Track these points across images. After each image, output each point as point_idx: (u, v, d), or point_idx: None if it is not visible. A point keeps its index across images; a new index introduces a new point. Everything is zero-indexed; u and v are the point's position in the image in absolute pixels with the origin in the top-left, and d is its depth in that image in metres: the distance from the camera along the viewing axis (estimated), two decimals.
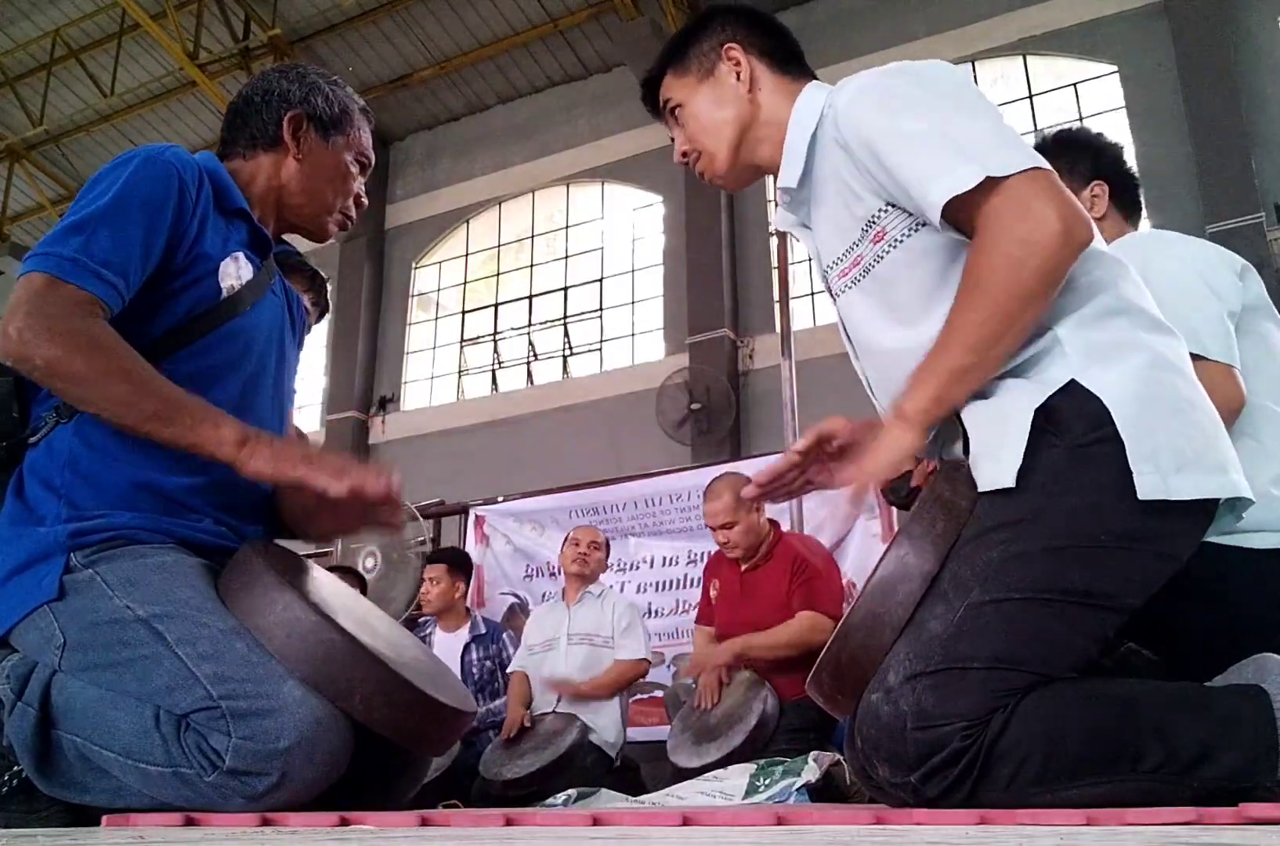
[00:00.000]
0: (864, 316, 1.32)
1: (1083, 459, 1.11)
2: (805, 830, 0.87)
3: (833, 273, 1.36)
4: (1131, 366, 1.14)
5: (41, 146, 12.36)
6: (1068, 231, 1.10)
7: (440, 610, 4.25)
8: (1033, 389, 1.15)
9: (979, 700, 1.04)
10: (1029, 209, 1.11)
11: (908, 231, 1.24)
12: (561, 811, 1.87)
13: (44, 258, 1.26)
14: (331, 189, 1.55)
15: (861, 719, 1.10)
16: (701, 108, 1.41)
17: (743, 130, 1.39)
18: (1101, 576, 1.10)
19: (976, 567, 1.10)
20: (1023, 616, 1.07)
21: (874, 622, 1.13)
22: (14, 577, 1.30)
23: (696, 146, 1.43)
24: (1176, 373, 1.18)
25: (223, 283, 1.41)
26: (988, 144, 1.15)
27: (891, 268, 1.26)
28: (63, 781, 1.23)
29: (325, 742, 1.16)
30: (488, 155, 11.63)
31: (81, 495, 1.32)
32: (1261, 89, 8.14)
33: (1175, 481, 1.10)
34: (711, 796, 2.25)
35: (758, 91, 1.40)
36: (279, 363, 1.53)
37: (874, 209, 1.26)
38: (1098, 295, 1.19)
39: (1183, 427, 1.13)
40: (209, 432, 1.25)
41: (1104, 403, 1.12)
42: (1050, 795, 1.02)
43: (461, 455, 10.12)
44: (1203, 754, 1.03)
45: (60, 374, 1.23)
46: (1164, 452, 1.11)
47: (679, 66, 1.45)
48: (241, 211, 1.47)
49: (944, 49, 9.39)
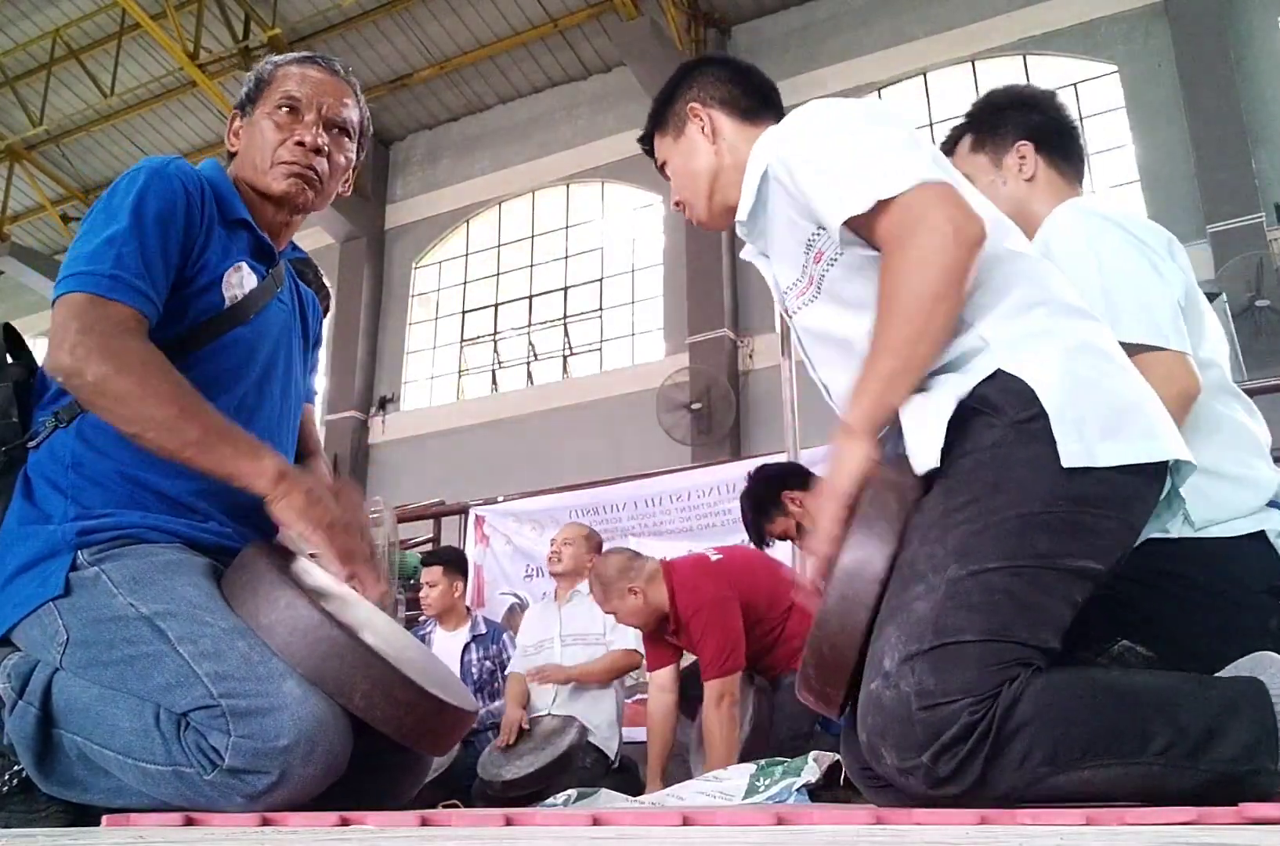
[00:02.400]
0: (818, 320, 1.42)
1: (1023, 434, 1.18)
2: (805, 830, 0.87)
3: (790, 295, 1.46)
4: (1052, 350, 1.22)
5: (41, 146, 12.36)
6: (958, 232, 1.20)
7: (441, 612, 4.25)
8: (959, 380, 1.23)
9: (979, 673, 1.06)
10: (921, 221, 1.21)
11: (840, 250, 1.33)
12: (561, 811, 1.87)
13: (83, 277, 1.28)
14: (257, 150, 1.49)
15: (864, 710, 1.11)
16: (679, 163, 1.58)
17: (712, 179, 1.53)
18: (1064, 540, 1.14)
19: (949, 545, 1.14)
20: (1002, 585, 1.10)
21: (846, 605, 1.15)
22: (21, 574, 1.30)
23: (681, 198, 1.60)
24: (1096, 352, 1.25)
25: (226, 293, 1.41)
26: (880, 167, 1.26)
27: (833, 284, 1.37)
28: (63, 780, 1.23)
29: (325, 741, 1.16)
30: (488, 155, 11.64)
31: (88, 495, 1.32)
32: (1261, 89, 8.14)
33: (1100, 449, 1.16)
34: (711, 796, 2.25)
35: (721, 142, 1.53)
36: (287, 369, 1.54)
37: (809, 232, 1.37)
38: (1014, 290, 1.27)
39: (1105, 399, 1.20)
40: (247, 466, 1.26)
41: (1028, 383, 1.19)
42: (1063, 775, 1.03)
43: (461, 455, 10.12)
44: (1208, 736, 1.05)
45: (108, 391, 1.24)
46: (1088, 423, 1.17)
47: (661, 128, 1.62)
48: (243, 221, 1.48)
49: (944, 49, 9.40)
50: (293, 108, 1.49)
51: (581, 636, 3.79)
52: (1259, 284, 7.28)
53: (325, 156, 1.50)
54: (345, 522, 1.27)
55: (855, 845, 0.68)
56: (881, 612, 1.14)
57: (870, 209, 1.24)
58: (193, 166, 1.45)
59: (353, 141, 1.57)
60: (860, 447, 1.23)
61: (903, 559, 1.17)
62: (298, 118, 1.49)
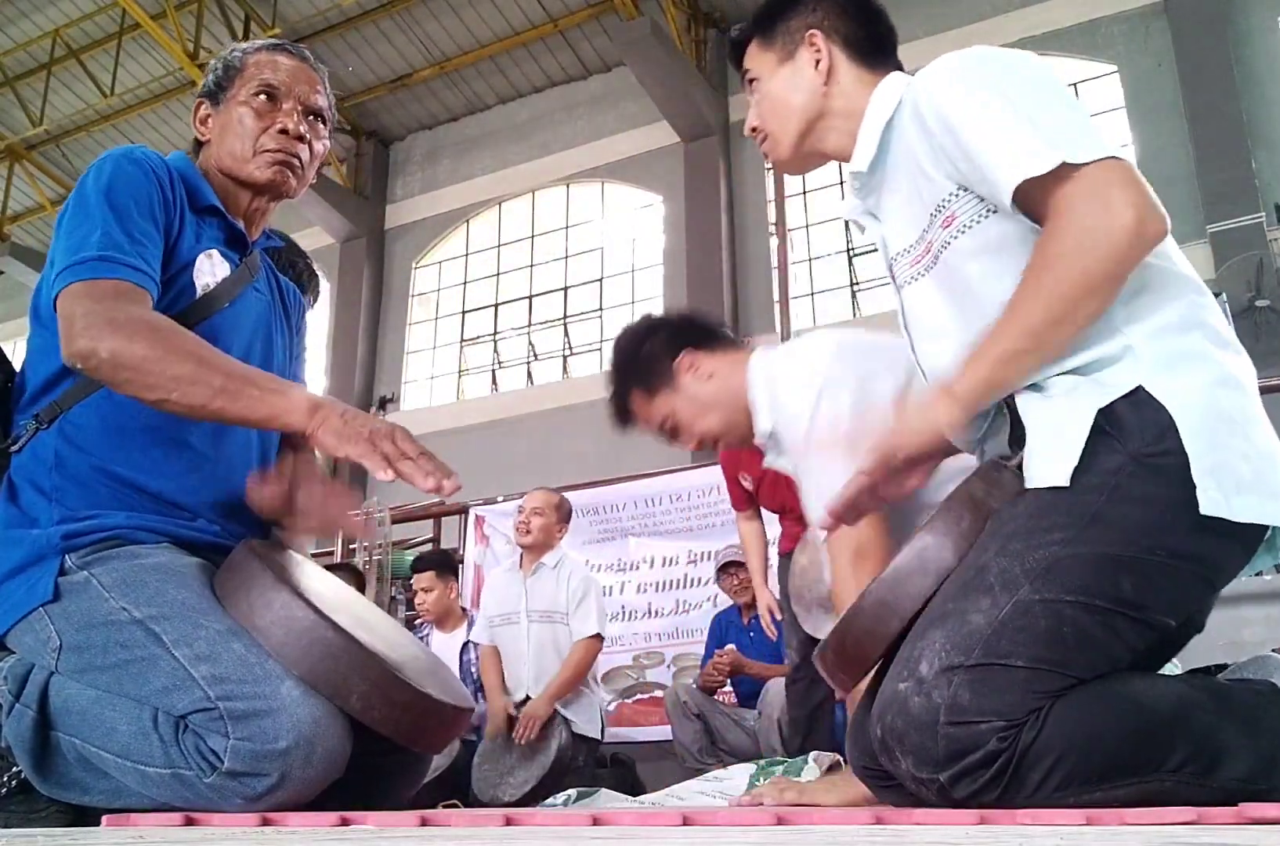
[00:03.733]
0: (930, 306, 1.30)
1: (1145, 469, 1.09)
2: (805, 830, 0.87)
3: (901, 261, 1.34)
4: (1200, 380, 1.12)
5: (41, 146, 12.37)
6: (1140, 224, 1.08)
7: (439, 616, 4.25)
8: (1098, 391, 1.12)
9: (1018, 699, 1.01)
10: (1105, 198, 1.08)
11: (978, 217, 1.21)
12: (561, 811, 1.87)
13: (73, 269, 1.27)
14: (235, 138, 1.47)
15: (885, 707, 1.07)
16: (776, 90, 1.41)
17: (811, 121, 1.39)
18: (1150, 590, 1.07)
19: (1027, 565, 1.07)
20: (1072, 619, 1.04)
21: (882, 611, 1.12)
22: (9, 581, 1.29)
23: (764, 127, 1.43)
24: (1242, 392, 1.15)
25: (197, 281, 1.40)
26: (1068, 131, 1.13)
27: (959, 255, 1.23)
28: (62, 782, 1.23)
29: (324, 742, 1.16)
30: (488, 155, 11.64)
31: (72, 497, 1.31)
32: (1261, 89, 8.15)
33: (1237, 501, 1.07)
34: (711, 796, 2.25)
35: (834, 83, 1.39)
36: (266, 358, 1.52)
37: (945, 192, 1.23)
38: (1173, 304, 1.16)
39: (1245, 447, 1.10)
40: (279, 402, 1.23)
41: (1169, 413, 1.09)
42: (1074, 799, 1.01)
43: (461, 455, 10.10)
44: (1224, 752, 1.02)
45: (125, 363, 1.22)
46: (1225, 471, 1.08)
47: (765, 39, 1.44)
48: (213, 208, 1.46)
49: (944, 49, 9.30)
50: (270, 95, 1.47)
51: (547, 614, 3.68)
52: (1259, 284, 7.28)
53: (306, 144, 1.50)
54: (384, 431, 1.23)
55: (855, 845, 0.68)
56: (931, 610, 1.10)
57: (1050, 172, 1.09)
58: (159, 154, 1.43)
59: (325, 128, 1.56)
60: (951, 414, 1.13)
61: (973, 562, 1.11)
62: (276, 105, 1.48)
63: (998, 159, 1.14)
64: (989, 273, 1.19)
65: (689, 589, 5.21)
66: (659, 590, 5.31)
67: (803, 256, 9.83)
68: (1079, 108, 1.18)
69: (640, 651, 5.16)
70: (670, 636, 5.13)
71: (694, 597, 5.16)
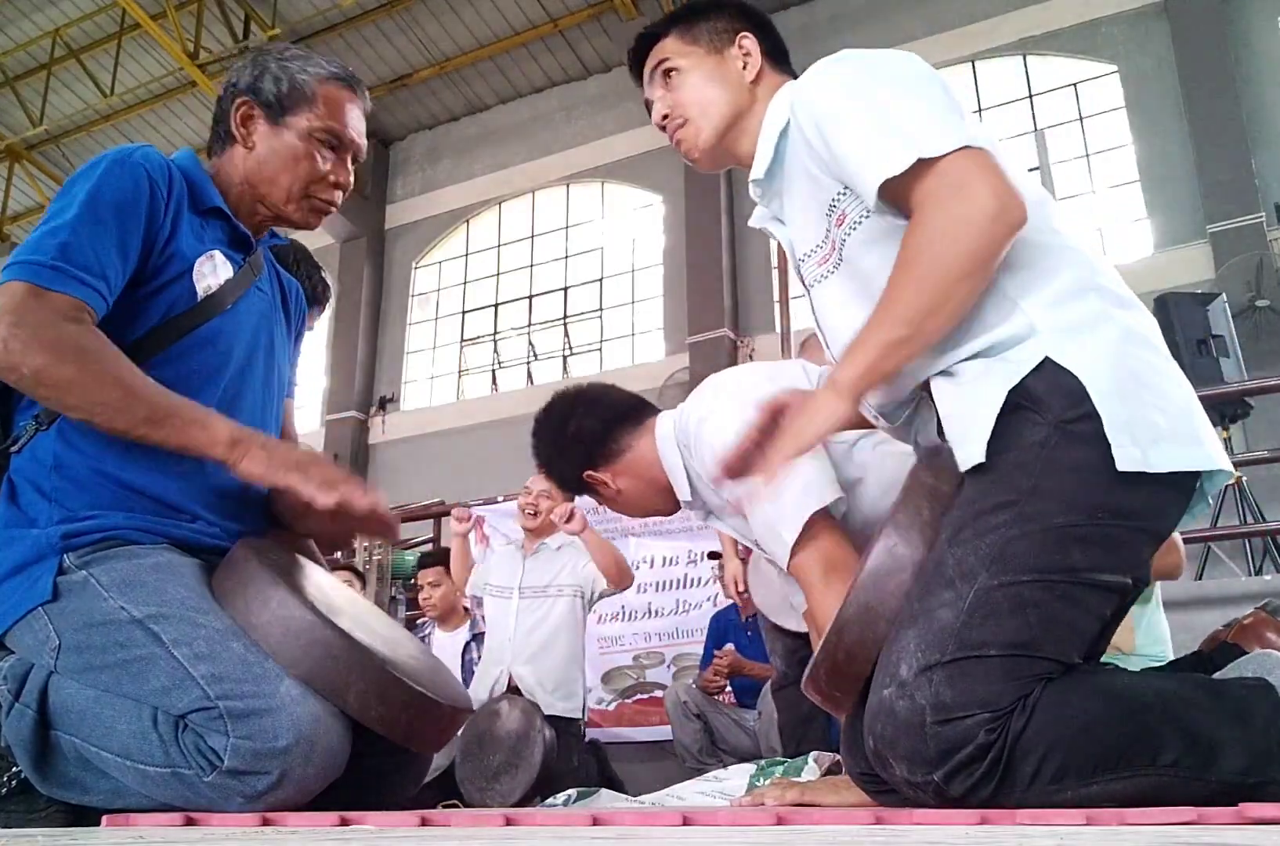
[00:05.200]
0: (836, 302, 1.33)
1: (1067, 436, 1.11)
2: (805, 830, 0.87)
3: (808, 263, 1.37)
4: (1102, 341, 1.15)
5: (41, 146, 12.36)
6: (1002, 209, 1.11)
7: (445, 613, 4.24)
8: (1006, 369, 1.15)
9: (999, 688, 1.02)
10: (963, 187, 1.11)
11: (864, 213, 1.24)
12: (561, 811, 1.87)
13: (22, 266, 1.24)
14: (288, 174, 1.46)
15: (874, 716, 1.07)
16: (701, 79, 1.42)
17: (735, 116, 1.41)
18: (1100, 554, 1.09)
19: (980, 552, 1.08)
20: (1033, 599, 1.06)
21: (868, 615, 1.12)
22: (7, 580, 1.29)
23: (683, 114, 1.44)
24: (1147, 346, 1.18)
25: (198, 283, 1.39)
26: (922, 125, 1.16)
27: (854, 249, 1.27)
28: (62, 782, 1.23)
29: (323, 741, 1.16)
30: (488, 155, 11.64)
31: (71, 497, 1.31)
32: (1261, 89, 8.14)
33: (1153, 453, 1.10)
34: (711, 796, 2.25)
35: (758, 88, 1.42)
36: (268, 360, 1.52)
37: (833, 192, 1.27)
38: (1065, 272, 1.19)
39: (1156, 400, 1.13)
40: (199, 434, 1.25)
41: (1079, 378, 1.12)
42: (1070, 792, 1.01)
43: (461, 455, 10.12)
44: (1218, 747, 1.02)
45: (48, 382, 1.22)
46: (1139, 425, 1.11)
47: (687, 33, 1.45)
48: (217, 210, 1.45)
49: (944, 49, 9.39)
50: (335, 145, 1.48)
51: (540, 589, 3.64)
52: (1259, 284, 7.28)
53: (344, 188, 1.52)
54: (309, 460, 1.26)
55: (855, 845, 0.68)
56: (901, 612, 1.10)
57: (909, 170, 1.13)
58: (162, 154, 1.41)
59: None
60: (840, 406, 1.15)
61: (930, 557, 1.12)
62: (334, 154, 1.48)
63: (859, 161, 1.18)
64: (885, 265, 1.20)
65: (689, 589, 5.21)
66: (659, 590, 5.30)
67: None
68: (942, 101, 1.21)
69: (640, 651, 5.16)
70: (670, 636, 5.13)
71: (694, 597, 5.15)
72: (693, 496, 1.78)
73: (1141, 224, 8.31)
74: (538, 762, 3.25)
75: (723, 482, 1.25)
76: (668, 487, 1.81)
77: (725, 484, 1.25)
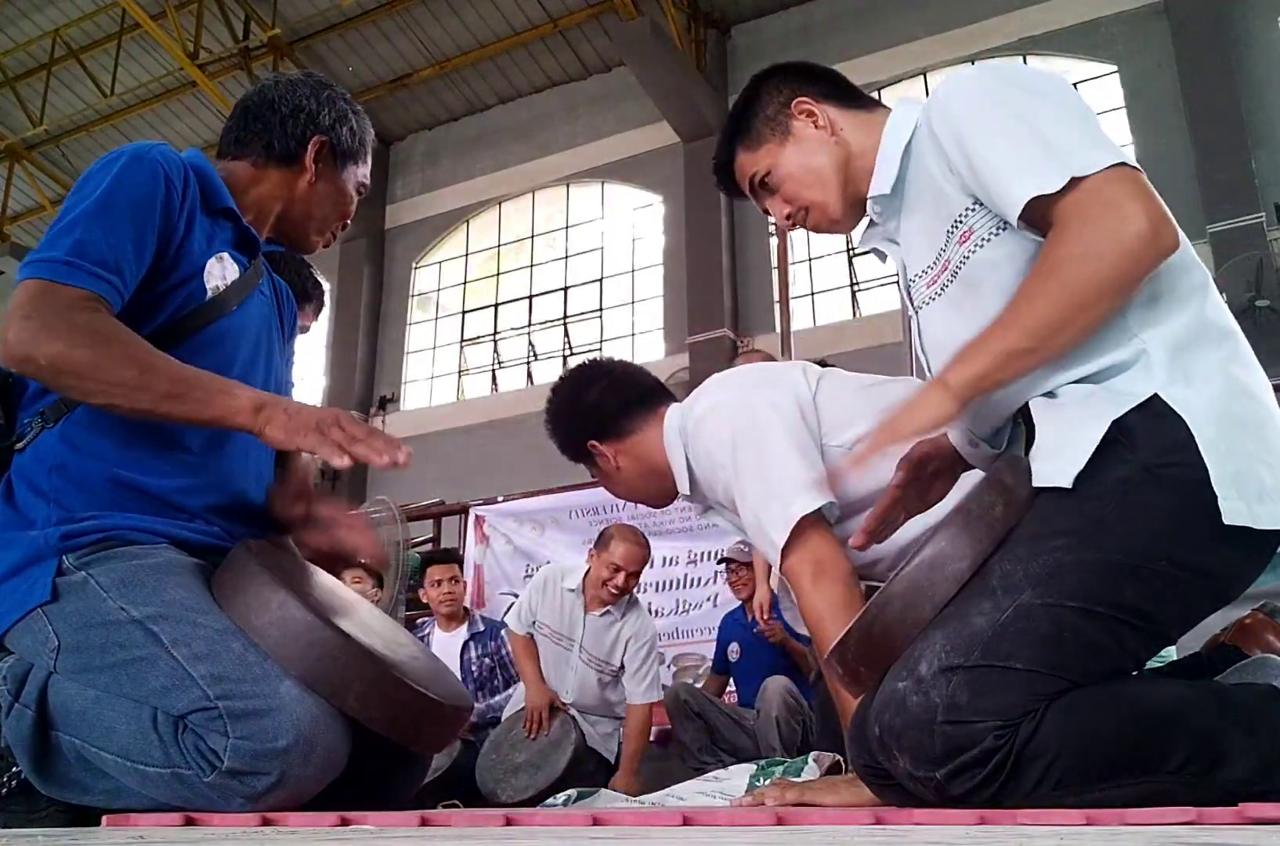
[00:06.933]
0: (947, 325, 1.29)
1: (1155, 479, 1.08)
2: (805, 830, 0.87)
3: (919, 283, 1.33)
4: (1215, 389, 1.11)
5: (41, 146, 12.36)
6: (1155, 232, 1.07)
7: (454, 611, 4.24)
8: (1113, 399, 1.12)
9: (1015, 701, 1.02)
10: (1117, 205, 1.07)
11: (995, 230, 1.20)
12: (561, 811, 1.87)
13: (38, 264, 1.25)
14: (333, 212, 1.58)
15: (883, 706, 1.07)
16: (794, 167, 1.42)
17: (842, 170, 1.40)
18: (1154, 599, 1.07)
19: (1030, 569, 1.07)
20: (1072, 624, 1.04)
21: (916, 596, 1.10)
22: (6, 581, 1.29)
23: (802, 203, 1.43)
24: (1257, 401, 1.14)
25: (208, 283, 1.39)
26: (1076, 143, 1.12)
27: (977, 269, 1.22)
28: (62, 782, 1.23)
29: (323, 741, 1.16)
30: (488, 155, 11.64)
31: (70, 498, 1.31)
32: (1261, 89, 8.14)
33: (1260, 509, 1.05)
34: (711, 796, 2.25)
35: (840, 132, 1.41)
36: (268, 361, 1.53)
37: (961, 207, 1.23)
38: (1189, 312, 1.15)
39: (1264, 455, 1.09)
40: (224, 402, 1.24)
41: (1186, 422, 1.08)
42: (1074, 798, 1.01)
43: (461, 455, 10.12)
44: (1224, 752, 1.02)
45: (66, 369, 1.21)
46: (1247, 479, 1.06)
47: (748, 141, 1.46)
48: (228, 211, 1.46)
49: (944, 49, 9.39)
50: (360, 192, 1.62)
51: (597, 662, 3.55)
52: (1259, 284, 7.28)
53: None
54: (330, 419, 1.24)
55: (855, 845, 0.68)
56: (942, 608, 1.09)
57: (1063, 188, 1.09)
58: (177, 152, 1.42)
59: None
60: (948, 405, 1.11)
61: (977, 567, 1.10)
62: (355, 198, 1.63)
63: (1008, 176, 1.13)
64: (1007, 286, 1.17)
65: (689, 589, 5.21)
66: (659, 590, 5.31)
67: (803, 256, 9.83)
68: (1090, 118, 1.18)
69: None
70: (670, 636, 5.13)
71: (694, 597, 5.16)
72: (692, 490, 1.80)
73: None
74: (561, 769, 3.27)
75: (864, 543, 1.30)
76: (666, 477, 1.82)
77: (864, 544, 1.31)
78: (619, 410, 1.87)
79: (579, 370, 1.97)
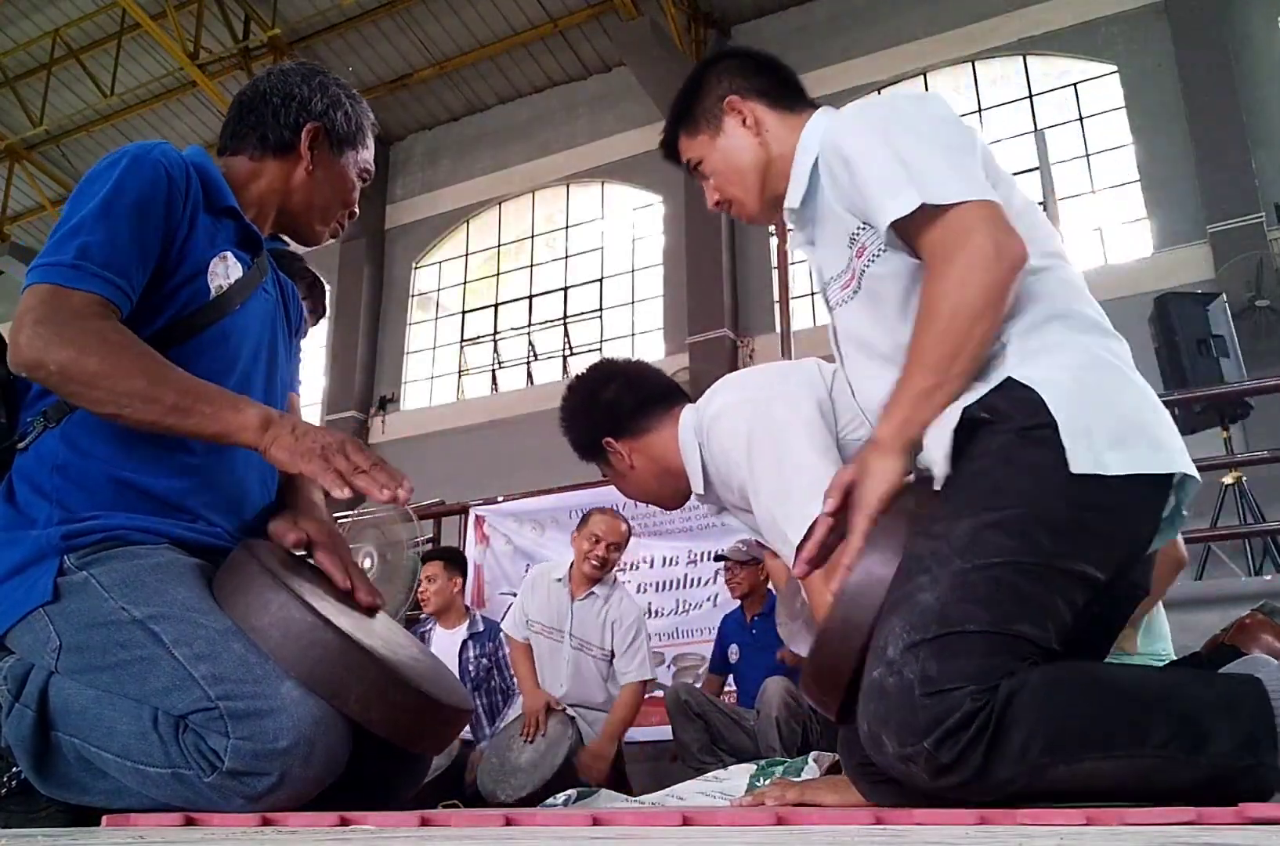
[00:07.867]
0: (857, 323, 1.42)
1: (1028, 440, 1.19)
2: (805, 830, 0.87)
3: (833, 286, 1.46)
4: (1061, 361, 1.23)
5: (41, 146, 12.37)
6: (999, 254, 1.21)
7: (440, 608, 4.24)
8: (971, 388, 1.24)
9: (982, 662, 1.06)
10: (965, 238, 1.21)
11: (882, 247, 1.33)
12: (561, 811, 1.87)
13: (46, 269, 1.26)
14: (336, 200, 1.57)
15: (867, 698, 1.11)
16: (721, 161, 1.55)
17: (763, 171, 1.52)
18: (1067, 541, 1.15)
19: (952, 541, 1.14)
20: (1005, 579, 1.11)
21: (846, 628, 1.18)
22: (7, 581, 1.29)
23: (726, 196, 1.57)
24: (1107, 365, 1.26)
25: (211, 282, 1.39)
26: (936, 172, 1.26)
27: (873, 279, 1.36)
28: (62, 782, 1.23)
29: (324, 742, 1.16)
30: (488, 155, 11.64)
31: (72, 498, 1.31)
32: (1261, 89, 8.15)
33: (1109, 457, 1.16)
34: (711, 796, 2.25)
35: (765, 132, 1.52)
36: (270, 361, 1.52)
37: (854, 226, 1.37)
38: (1037, 304, 1.28)
39: (1114, 410, 1.20)
40: (231, 419, 1.24)
41: (1037, 391, 1.19)
42: (1064, 766, 1.04)
43: (461, 455, 10.12)
44: (1208, 731, 1.05)
45: (75, 377, 1.22)
46: (1097, 430, 1.17)
47: (689, 127, 1.59)
48: (230, 209, 1.45)
49: (944, 49, 9.40)
50: (364, 180, 1.63)
51: (587, 645, 3.66)
52: (1259, 284, 7.29)
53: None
54: (336, 446, 1.24)
55: (855, 845, 0.68)
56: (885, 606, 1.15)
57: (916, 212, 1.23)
58: (178, 151, 1.42)
59: None
60: (891, 464, 1.22)
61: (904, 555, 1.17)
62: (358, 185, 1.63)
63: (873, 197, 1.29)
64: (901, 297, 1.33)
65: (689, 589, 5.21)
66: (659, 590, 5.31)
67: (803, 256, 9.83)
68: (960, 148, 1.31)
69: None
70: (670, 636, 5.13)
71: (694, 597, 5.16)
72: (706, 491, 1.80)
73: (1141, 224, 8.31)
74: (558, 765, 3.30)
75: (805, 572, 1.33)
76: (680, 477, 1.83)
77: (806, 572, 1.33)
78: (635, 408, 1.88)
79: (596, 368, 1.98)
